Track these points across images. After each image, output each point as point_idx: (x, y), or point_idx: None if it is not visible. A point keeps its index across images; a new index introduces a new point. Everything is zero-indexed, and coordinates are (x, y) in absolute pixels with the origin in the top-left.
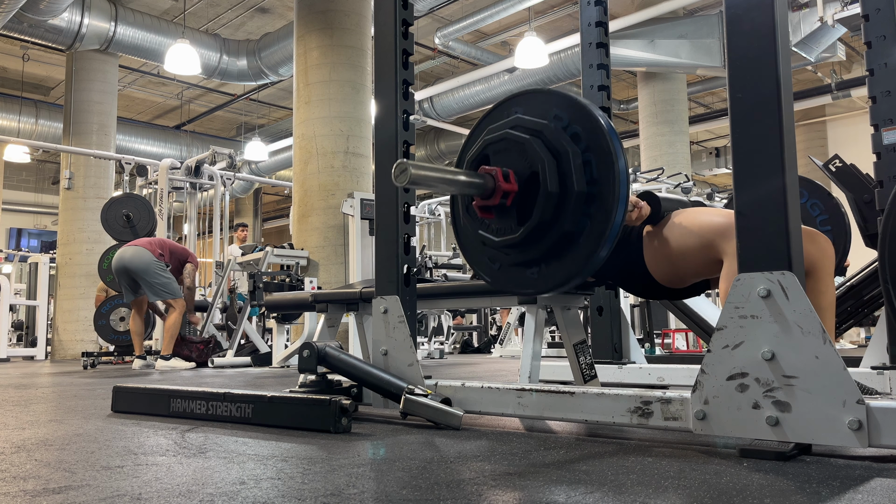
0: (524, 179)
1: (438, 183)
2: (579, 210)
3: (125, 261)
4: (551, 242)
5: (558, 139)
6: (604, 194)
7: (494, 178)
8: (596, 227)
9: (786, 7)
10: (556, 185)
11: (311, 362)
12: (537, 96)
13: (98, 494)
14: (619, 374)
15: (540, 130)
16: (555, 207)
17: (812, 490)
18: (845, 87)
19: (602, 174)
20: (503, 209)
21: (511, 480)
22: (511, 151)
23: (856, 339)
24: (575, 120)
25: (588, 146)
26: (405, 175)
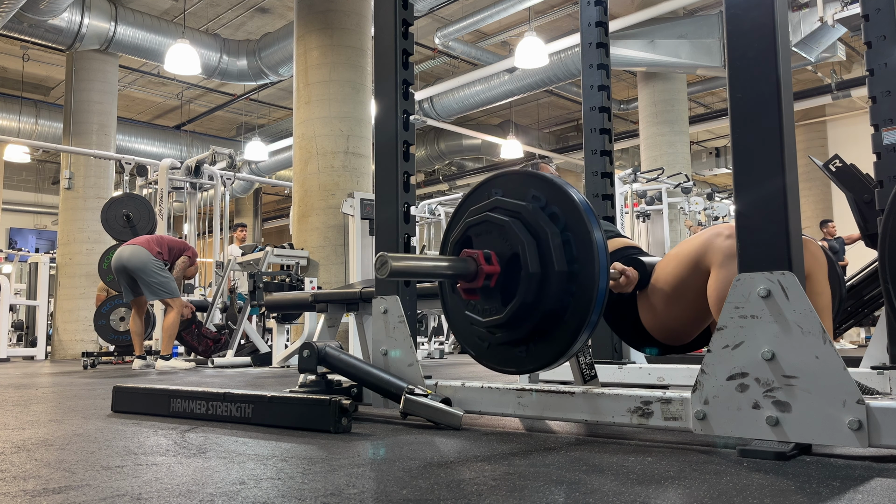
0: (506, 260)
1: (421, 273)
2: (561, 289)
3: (123, 260)
4: (536, 321)
5: (537, 220)
6: (585, 272)
7: (476, 261)
8: (580, 305)
9: (786, 7)
10: (538, 266)
11: (311, 362)
12: (515, 178)
13: (98, 494)
14: (619, 374)
15: (519, 212)
16: (537, 287)
17: (812, 490)
18: (845, 87)
19: (581, 252)
20: (487, 290)
21: (511, 480)
22: (492, 233)
23: (856, 339)
24: (552, 200)
25: (566, 225)
26: (385, 268)
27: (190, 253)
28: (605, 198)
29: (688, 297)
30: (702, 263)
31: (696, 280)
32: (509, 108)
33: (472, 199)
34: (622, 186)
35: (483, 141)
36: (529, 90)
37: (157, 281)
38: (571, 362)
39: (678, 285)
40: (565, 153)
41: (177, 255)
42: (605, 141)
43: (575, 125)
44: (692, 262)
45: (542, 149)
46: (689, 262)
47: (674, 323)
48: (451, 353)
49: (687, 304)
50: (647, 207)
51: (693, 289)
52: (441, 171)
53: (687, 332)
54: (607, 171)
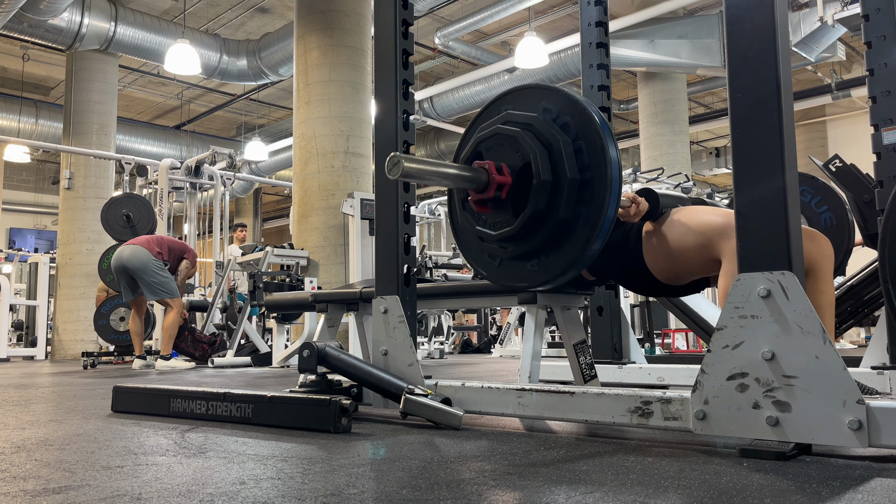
0: (517, 171)
1: (432, 176)
2: (573, 197)
3: (123, 259)
4: (548, 232)
5: (548, 130)
6: (596, 180)
7: (488, 170)
8: (591, 213)
9: (786, 7)
10: (549, 174)
11: (311, 362)
12: (526, 92)
13: (98, 494)
14: (619, 374)
15: (530, 123)
16: (549, 196)
17: (812, 490)
18: (845, 87)
19: (593, 161)
20: (499, 202)
21: (511, 480)
22: (503, 146)
23: (856, 339)
24: (564, 111)
25: (578, 135)
26: (398, 168)
27: (190, 256)
28: None
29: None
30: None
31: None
32: None
33: (484, 117)
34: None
35: None
36: None
37: (157, 280)
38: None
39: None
40: None
41: (177, 255)
42: None
43: None
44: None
45: None
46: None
47: (672, 268)
48: (451, 353)
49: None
50: None
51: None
52: None
53: (683, 278)
54: None
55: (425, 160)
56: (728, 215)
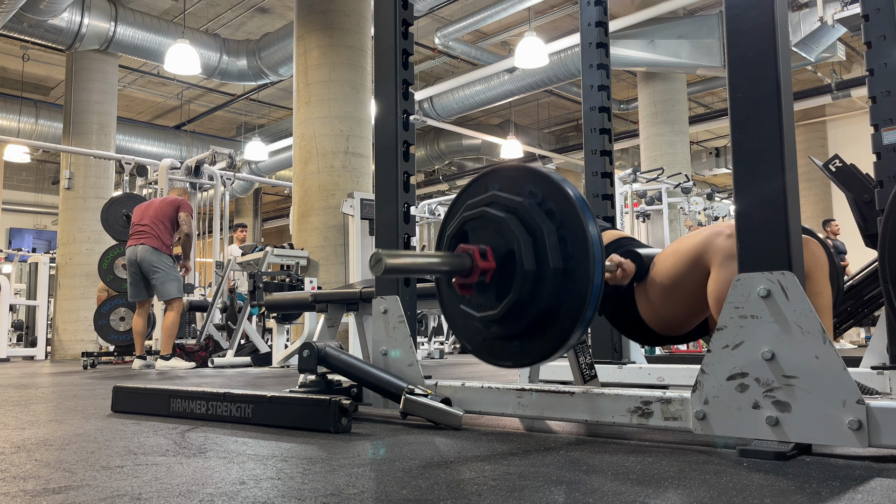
0: (501, 256)
1: (416, 269)
2: (556, 286)
3: (137, 259)
4: (531, 319)
5: (533, 217)
6: (579, 270)
7: (472, 256)
8: (574, 303)
9: (786, 7)
10: (533, 263)
11: (311, 362)
12: (511, 172)
13: (98, 494)
14: (619, 374)
15: (515, 208)
16: (532, 285)
17: (812, 490)
18: (845, 87)
19: (576, 250)
20: (482, 285)
21: (511, 480)
22: (488, 228)
23: (856, 339)
24: (549, 196)
25: (562, 222)
26: (380, 266)
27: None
28: (605, 198)
29: (685, 292)
30: (701, 262)
31: (695, 277)
32: (509, 108)
33: (469, 193)
34: (622, 186)
35: (483, 141)
36: (529, 90)
37: (168, 281)
38: (571, 362)
39: (676, 280)
40: (565, 153)
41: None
42: (605, 141)
43: (575, 125)
44: (691, 260)
45: (542, 149)
46: (688, 259)
47: (671, 316)
48: (451, 353)
49: (684, 298)
50: (647, 207)
51: (691, 285)
52: (441, 171)
53: (684, 325)
54: (607, 171)
55: (407, 253)
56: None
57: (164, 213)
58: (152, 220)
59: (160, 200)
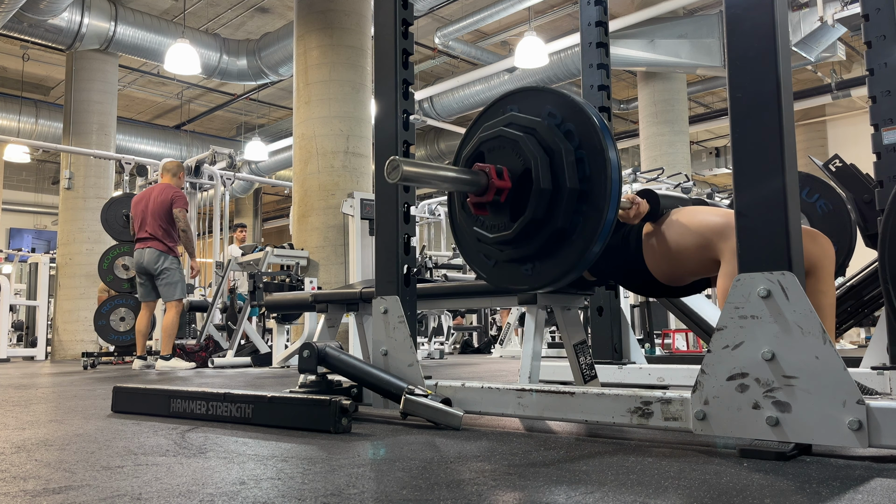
0: (518, 176)
1: (431, 180)
2: (572, 207)
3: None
4: (544, 239)
5: (551, 137)
6: (596, 192)
7: (488, 174)
8: (588, 225)
9: (786, 7)
10: (549, 183)
11: (311, 362)
12: (531, 94)
13: (98, 494)
14: (619, 374)
15: (533, 128)
16: (548, 204)
17: (812, 490)
18: (845, 87)
19: (594, 172)
20: (497, 206)
21: (511, 480)
22: (505, 149)
23: (856, 339)
24: (568, 118)
25: (581, 143)
26: (397, 172)
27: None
28: None
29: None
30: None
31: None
32: None
33: (487, 116)
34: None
35: None
36: None
37: (174, 282)
38: (571, 362)
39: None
40: None
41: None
42: None
43: None
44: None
45: None
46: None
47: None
48: (451, 353)
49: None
50: None
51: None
52: None
53: (683, 279)
54: None
55: (424, 163)
56: (727, 215)
57: (161, 212)
58: (152, 223)
59: (154, 197)
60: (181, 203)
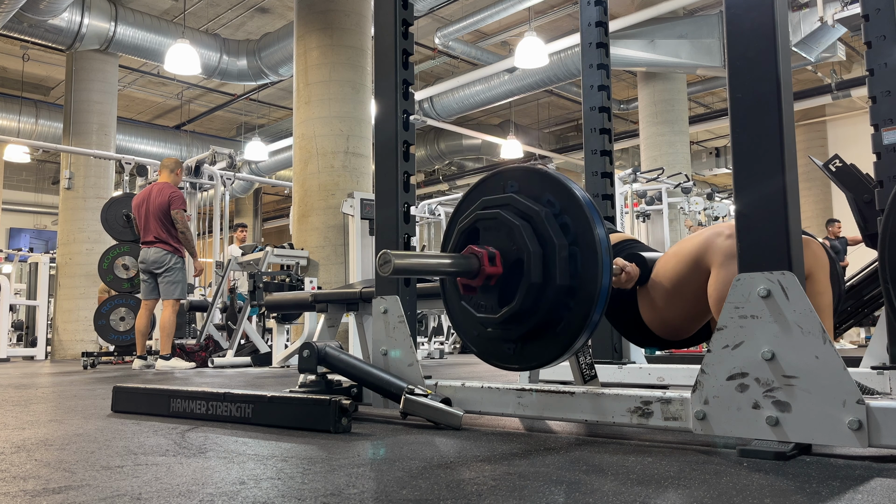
0: (510, 263)
1: (423, 270)
2: (559, 302)
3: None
4: (529, 328)
5: (547, 229)
6: (585, 290)
7: (480, 260)
8: (574, 321)
9: (786, 7)
10: (540, 276)
11: (311, 362)
12: (534, 176)
13: (98, 494)
14: (619, 374)
15: (531, 216)
16: (536, 296)
17: (812, 490)
18: (845, 87)
19: (586, 269)
20: (487, 288)
21: (511, 480)
22: (501, 230)
23: (856, 339)
24: (566, 210)
25: (576, 238)
26: (388, 266)
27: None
28: (605, 198)
29: (687, 294)
30: (702, 262)
31: (696, 278)
32: (509, 108)
33: (485, 188)
34: (622, 186)
35: (483, 141)
36: (529, 90)
37: (176, 282)
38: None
39: (678, 283)
40: (565, 153)
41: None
42: (605, 141)
43: (575, 125)
44: (692, 261)
45: (542, 149)
46: (689, 261)
47: (673, 319)
48: (451, 353)
49: (686, 301)
50: (647, 207)
51: (693, 287)
52: (441, 171)
53: (686, 328)
54: (607, 171)
55: (415, 254)
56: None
57: (161, 214)
58: (155, 225)
59: (153, 198)
60: (179, 203)
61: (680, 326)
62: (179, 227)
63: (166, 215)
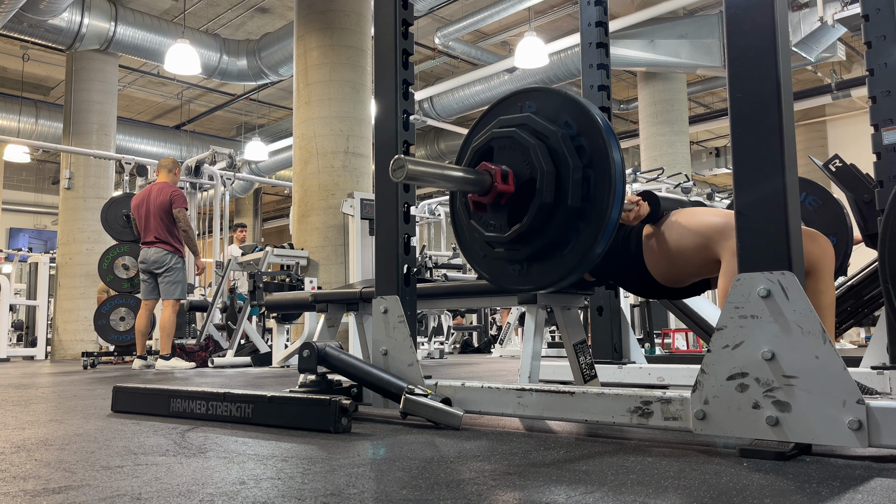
0: (522, 182)
1: (436, 178)
2: (569, 224)
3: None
4: (537, 248)
5: (563, 149)
6: (595, 214)
7: (492, 176)
8: (581, 244)
9: (786, 7)
10: (552, 197)
11: (311, 362)
12: (553, 97)
13: (98, 494)
14: (619, 374)
15: (547, 136)
16: (545, 216)
17: (812, 490)
18: (845, 87)
19: (598, 193)
20: (497, 206)
21: (511, 480)
22: (515, 150)
23: (856, 339)
24: (583, 132)
25: (591, 161)
26: (402, 171)
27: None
28: None
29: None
30: (711, 247)
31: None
32: None
33: (503, 108)
34: None
35: None
36: None
37: (177, 281)
38: (571, 362)
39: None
40: None
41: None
42: None
43: None
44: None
45: None
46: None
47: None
48: (451, 352)
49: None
50: None
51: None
52: None
53: (683, 280)
54: None
55: (429, 162)
56: (727, 216)
57: (161, 213)
58: (156, 225)
59: (154, 198)
60: (180, 202)
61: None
62: (182, 226)
63: (167, 214)
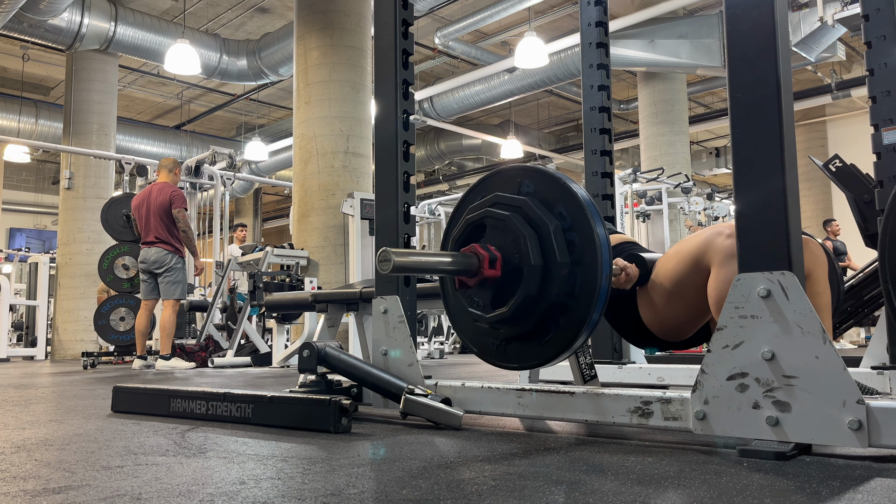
0: (510, 269)
1: (423, 267)
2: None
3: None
4: (517, 333)
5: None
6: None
7: (480, 261)
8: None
9: (786, 7)
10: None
11: (311, 362)
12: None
13: (98, 494)
14: (619, 374)
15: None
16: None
17: (812, 490)
18: (845, 87)
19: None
20: (483, 285)
21: (511, 480)
22: (507, 233)
23: (856, 339)
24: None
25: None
26: (388, 264)
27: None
28: (605, 198)
29: (687, 294)
30: (702, 262)
31: (696, 278)
32: (509, 108)
33: (501, 182)
34: (622, 186)
35: (483, 141)
36: (529, 90)
37: (177, 281)
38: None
39: (678, 283)
40: (565, 153)
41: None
42: (605, 141)
43: (575, 125)
44: (692, 261)
45: (542, 149)
46: (689, 261)
47: (673, 319)
48: (451, 353)
49: (686, 301)
50: (647, 207)
51: (693, 286)
52: (441, 171)
53: (686, 329)
54: (607, 171)
55: (415, 252)
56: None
57: (162, 214)
58: (156, 225)
59: (154, 198)
60: (180, 203)
61: (679, 327)
62: (181, 226)
63: (167, 215)
